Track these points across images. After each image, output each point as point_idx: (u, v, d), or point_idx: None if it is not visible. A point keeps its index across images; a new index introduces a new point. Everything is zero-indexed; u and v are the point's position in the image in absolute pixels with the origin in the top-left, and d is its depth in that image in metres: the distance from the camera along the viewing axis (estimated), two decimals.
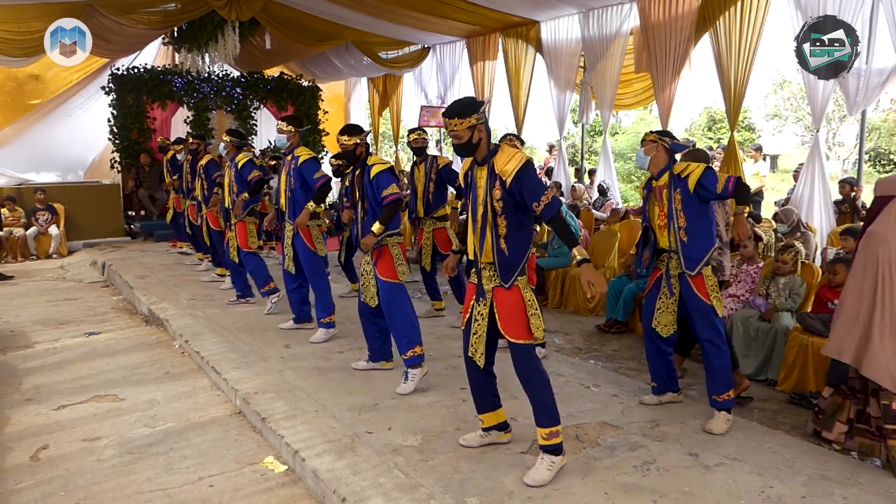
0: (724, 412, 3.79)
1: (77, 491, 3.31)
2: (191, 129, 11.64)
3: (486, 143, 3.18)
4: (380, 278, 4.39)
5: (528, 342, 3.20)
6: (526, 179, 3.05)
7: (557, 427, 3.18)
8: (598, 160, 10.89)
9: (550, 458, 3.16)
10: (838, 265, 4.67)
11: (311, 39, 11.53)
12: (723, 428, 3.71)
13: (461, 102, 3.18)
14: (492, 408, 3.47)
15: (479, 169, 3.22)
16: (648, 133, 3.99)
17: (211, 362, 4.90)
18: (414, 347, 4.33)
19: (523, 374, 3.23)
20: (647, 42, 8.34)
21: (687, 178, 3.74)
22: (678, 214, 3.79)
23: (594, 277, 3.03)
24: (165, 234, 10.88)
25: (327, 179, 5.30)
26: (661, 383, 4.11)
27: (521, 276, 3.20)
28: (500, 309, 3.20)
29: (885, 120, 22.11)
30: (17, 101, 11.80)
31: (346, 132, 4.42)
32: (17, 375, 5.05)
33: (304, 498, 3.25)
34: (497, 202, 3.12)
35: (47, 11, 9.09)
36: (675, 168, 3.85)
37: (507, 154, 3.15)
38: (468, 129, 3.10)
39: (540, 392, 3.20)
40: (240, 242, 6.40)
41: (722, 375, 3.79)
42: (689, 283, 3.81)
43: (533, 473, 3.13)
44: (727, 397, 3.78)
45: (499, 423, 3.50)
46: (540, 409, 3.20)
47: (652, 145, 3.91)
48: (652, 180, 3.96)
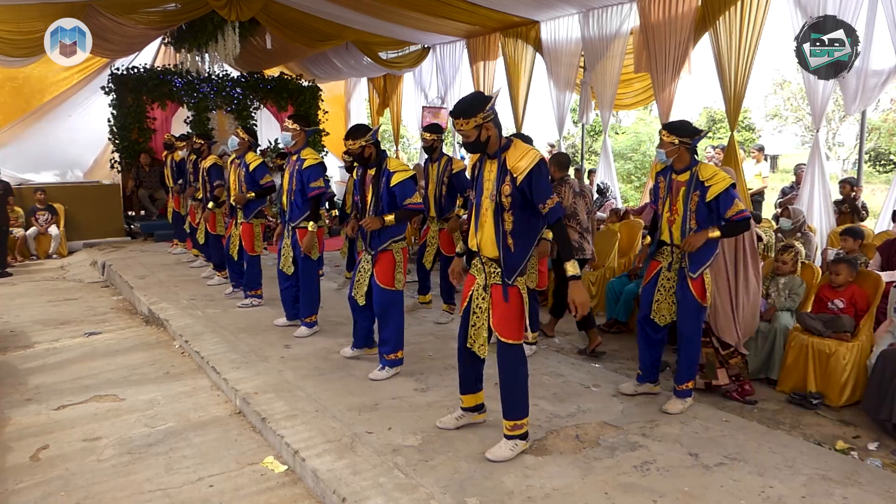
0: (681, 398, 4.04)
1: (77, 491, 3.31)
2: (191, 129, 11.64)
3: (496, 139, 3.16)
4: (376, 283, 4.42)
5: (518, 342, 3.23)
6: (537, 179, 3.06)
7: (524, 420, 3.33)
8: (598, 160, 10.89)
9: (515, 440, 3.32)
10: (841, 265, 4.67)
11: (312, 39, 11.52)
12: (679, 408, 3.95)
13: (466, 101, 3.13)
14: (474, 390, 3.61)
15: (490, 162, 3.21)
16: (666, 133, 3.90)
17: (211, 362, 4.90)
18: (397, 352, 4.52)
19: (506, 374, 3.30)
20: (646, 42, 8.34)
21: (709, 189, 3.76)
22: (691, 216, 3.84)
23: (580, 298, 3.12)
24: (165, 234, 10.88)
25: (323, 191, 5.30)
26: (646, 372, 4.23)
27: (521, 277, 3.20)
28: (496, 307, 3.22)
29: (885, 120, 22.11)
30: (17, 101, 11.78)
31: (351, 136, 4.41)
32: (17, 375, 5.05)
33: (304, 498, 3.25)
34: (506, 197, 3.12)
35: (47, 11, 9.08)
36: (701, 171, 3.84)
37: (520, 150, 3.14)
38: (475, 128, 3.09)
39: (516, 392, 3.31)
40: (245, 246, 6.41)
41: (688, 367, 4.01)
42: (688, 282, 3.87)
43: (496, 450, 3.32)
44: (686, 387, 4.02)
45: (477, 405, 3.65)
46: (511, 406, 3.33)
47: (673, 148, 3.89)
48: (672, 171, 3.96)
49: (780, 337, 4.70)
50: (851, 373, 4.34)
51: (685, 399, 4.03)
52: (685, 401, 4.02)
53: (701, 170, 3.85)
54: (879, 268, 5.14)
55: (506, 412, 3.34)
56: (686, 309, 3.93)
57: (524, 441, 3.36)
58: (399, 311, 4.52)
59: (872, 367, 4.10)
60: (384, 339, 4.52)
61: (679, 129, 3.90)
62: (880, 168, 22.08)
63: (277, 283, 5.81)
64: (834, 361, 4.38)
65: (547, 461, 3.31)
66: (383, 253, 4.42)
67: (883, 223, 6.97)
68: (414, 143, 23.06)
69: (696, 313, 3.93)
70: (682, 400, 4.02)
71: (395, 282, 4.44)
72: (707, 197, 3.78)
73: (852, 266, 4.68)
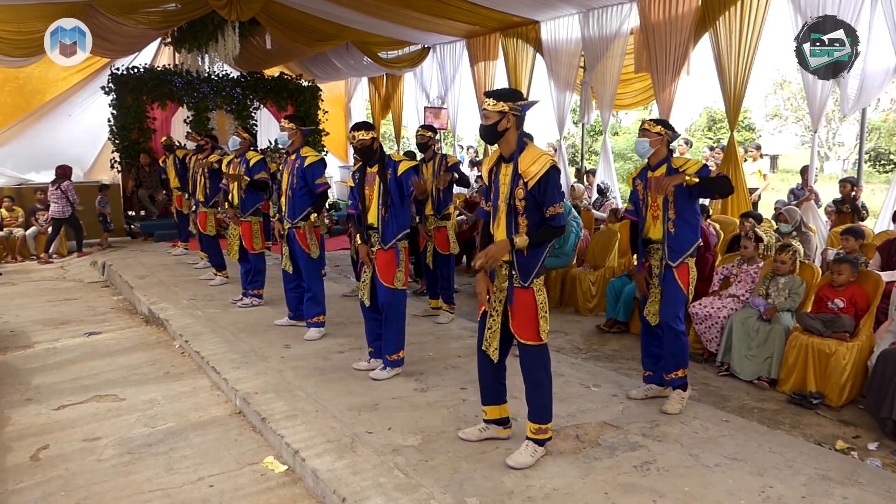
0: (678, 390, 4.01)
1: (77, 491, 3.31)
2: (191, 129, 11.63)
3: (513, 139, 3.18)
4: (379, 281, 4.43)
5: (539, 343, 3.24)
6: (546, 185, 3.09)
7: (549, 425, 3.31)
8: (598, 160, 10.89)
9: (535, 445, 3.29)
10: (843, 265, 4.67)
11: (312, 39, 11.53)
12: (677, 408, 3.92)
13: (503, 89, 3.27)
14: (497, 401, 3.51)
15: (506, 166, 3.23)
16: (651, 123, 4.00)
17: (211, 362, 4.90)
18: (398, 352, 4.53)
19: (531, 373, 3.29)
20: (647, 42, 8.34)
21: (683, 172, 3.82)
22: (669, 206, 3.90)
23: (494, 255, 3.10)
24: (165, 234, 10.88)
25: (328, 187, 5.32)
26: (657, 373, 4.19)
27: (538, 278, 3.21)
28: (515, 309, 3.23)
29: (885, 120, 22.11)
30: (17, 101, 11.79)
31: (362, 128, 4.41)
32: (17, 375, 5.05)
33: (304, 498, 3.25)
34: (520, 201, 3.14)
35: (47, 11, 9.08)
36: (673, 161, 3.96)
37: (532, 154, 3.15)
38: (497, 112, 3.13)
39: (542, 392, 3.30)
40: (245, 244, 6.43)
41: (674, 357, 4.00)
42: (673, 272, 3.93)
43: (516, 457, 3.25)
44: (675, 376, 4.00)
45: (501, 418, 3.54)
46: (538, 406, 3.30)
47: (658, 138, 3.96)
48: (648, 170, 4.03)
49: (781, 337, 4.71)
50: (851, 373, 4.34)
51: (681, 393, 4.00)
52: (681, 395, 4.00)
53: (673, 162, 3.95)
54: (879, 268, 5.14)
55: (531, 414, 3.32)
56: (667, 297, 3.96)
57: (543, 448, 3.32)
58: (400, 311, 4.51)
59: (873, 367, 4.10)
60: (385, 338, 4.53)
61: (662, 122, 4.05)
62: (880, 168, 22.07)
63: (282, 284, 5.80)
64: (834, 361, 4.38)
65: (547, 461, 3.31)
66: (388, 251, 4.42)
67: (883, 223, 6.96)
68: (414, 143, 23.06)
69: (676, 301, 3.95)
70: (678, 395, 3.99)
71: (395, 280, 4.43)
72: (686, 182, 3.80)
73: (854, 266, 4.68)
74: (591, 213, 8.50)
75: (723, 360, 5.01)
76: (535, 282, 3.22)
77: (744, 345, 4.87)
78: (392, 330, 4.49)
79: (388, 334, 4.51)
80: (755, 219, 6.00)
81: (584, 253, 7.36)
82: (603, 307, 6.48)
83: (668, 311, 3.98)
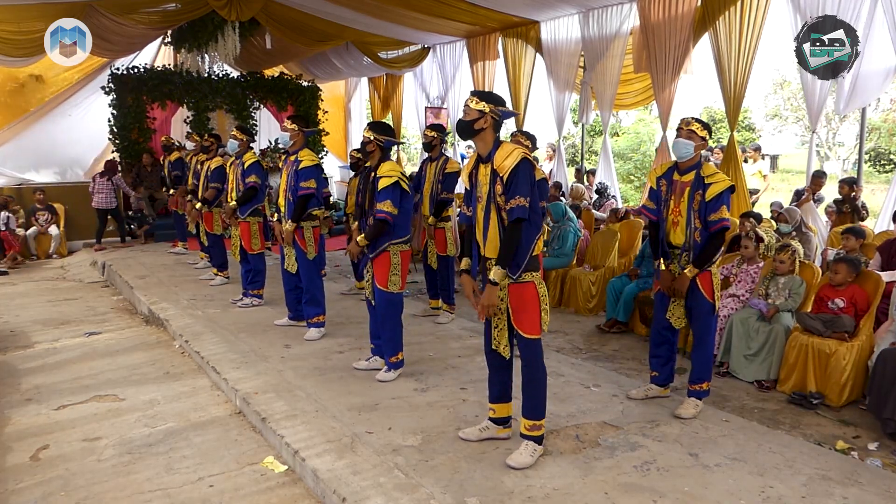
0: (694, 399, 3.99)
1: (77, 491, 3.31)
2: (191, 129, 11.63)
3: (490, 139, 3.26)
4: (375, 284, 4.46)
5: (538, 337, 3.28)
6: (514, 176, 3.12)
7: (542, 421, 3.34)
8: (598, 160, 10.88)
9: (534, 444, 3.31)
10: (840, 264, 4.67)
11: (312, 39, 11.52)
12: (691, 412, 3.92)
13: (489, 92, 3.40)
14: (505, 399, 3.54)
15: (484, 167, 3.28)
16: (700, 127, 3.86)
17: (211, 362, 4.90)
18: (397, 353, 4.55)
19: (530, 369, 3.32)
20: (646, 42, 8.33)
21: (710, 186, 3.77)
22: (695, 215, 3.83)
23: (490, 301, 3.18)
24: (165, 234, 10.87)
25: (312, 193, 5.29)
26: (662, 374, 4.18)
27: (532, 272, 3.22)
28: (514, 304, 3.25)
29: (885, 120, 22.08)
30: (17, 101, 11.78)
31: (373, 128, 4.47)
32: (17, 375, 5.05)
33: (304, 498, 3.25)
34: (500, 197, 3.18)
35: (47, 11, 9.08)
36: (703, 170, 3.85)
37: (505, 150, 3.20)
38: (478, 111, 3.23)
39: (538, 387, 3.32)
40: (244, 244, 6.44)
41: (701, 367, 3.99)
42: (696, 280, 3.86)
43: (516, 457, 3.27)
44: (699, 388, 4.00)
45: (503, 417, 3.57)
46: (533, 402, 3.33)
47: (702, 144, 3.88)
48: (675, 171, 3.95)
49: (781, 337, 4.71)
50: (851, 373, 4.34)
51: (698, 402, 3.99)
52: (698, 404, 3.97)
53: (703, 170, 3.86)
54: (879, 268, 5.14)
55: (526, 409, 3.34)
56: (697, 308, 3.92)
57: (541, 446, 3.35)
58: (395, 314, 4.53)
59: (873, 367, 4.10)
60: (384, 342, 4.55)
61: (708, 127, 3.94)
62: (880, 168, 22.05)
63: (282, 284, 5.80)
64: (834, 361, 4.38)
65: (547, 461, 3.31)
66: (381, 254, 4.43)
67: (883, 223, 6.96)
68: (414, 143, 23.06)
69: (707, 312, 3.91)
70: (694, 403, 3.97)
71: (390, 283, 4.44)
72: (707, 195, 3.76)
73: (854, 265, 4.68)
74: (591, 213, 8.50)
75: (722, 360, 5.01)
76: (533, 275, 3.23)
77: (743, 345, 4.87)
78: (386, 332, 4.52)
79: (384, 337, 4.54)
80: (755, 218, 6.00)
81: (584, 253, 7.36)
82: (603, 307, 6.48)
83: (702, 325, 3.93)
